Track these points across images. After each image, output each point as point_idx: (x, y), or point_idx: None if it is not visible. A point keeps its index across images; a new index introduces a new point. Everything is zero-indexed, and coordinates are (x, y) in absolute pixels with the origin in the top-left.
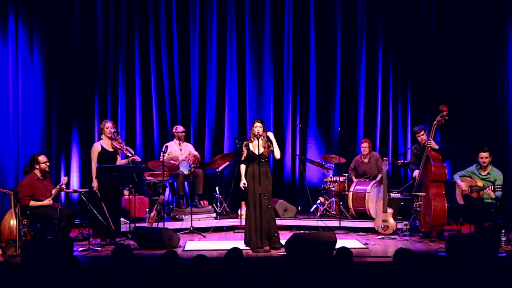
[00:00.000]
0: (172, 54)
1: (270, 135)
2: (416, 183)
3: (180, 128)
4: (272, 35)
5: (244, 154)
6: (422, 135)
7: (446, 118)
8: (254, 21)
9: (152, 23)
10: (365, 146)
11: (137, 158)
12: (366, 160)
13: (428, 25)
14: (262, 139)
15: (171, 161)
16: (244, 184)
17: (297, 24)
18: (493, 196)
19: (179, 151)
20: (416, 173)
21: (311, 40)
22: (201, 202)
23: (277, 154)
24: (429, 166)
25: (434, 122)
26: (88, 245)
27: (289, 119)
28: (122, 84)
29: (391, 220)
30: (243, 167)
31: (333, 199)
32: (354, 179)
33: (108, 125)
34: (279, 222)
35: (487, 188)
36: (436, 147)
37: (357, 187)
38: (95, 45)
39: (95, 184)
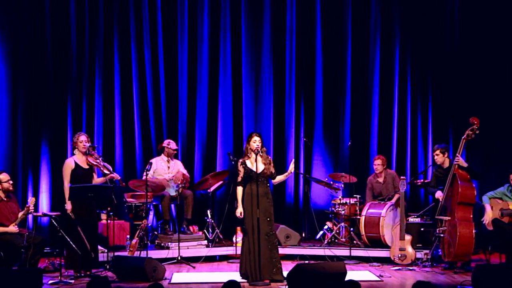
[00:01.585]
0: (157, 56)
1: (292, 167)
2: (440, 206)
3: (173, 145)
4: (273, 35)
5: (241, 174)
6: (437, 155)
7: (477, 132)
8: (252, 19)
9: (133, 21)
10: (377, 164)
11: (116, 176)
12: (380, 180)
13: (452, 26)
14: (261, 155)
15: (156, 179)
16: (241, 213)
17: (301, 22)
18: None
19: (167, 169)
20: (439, 194)
21: (317, 41)
22: (190, 227)
23: (277, 182)
24: (455, 186)
25: (463, 137)
26: (59, 277)
27: (292, 132)
28: (99, 92)
29: (410, 249)
30: (240, 190)
31: (343, 224)
32: (369, 202)
33: (82, 139)
34: (280, 250)
35: None
36: (465, 165)
37: (370, 210)
38: (68, 47)
39: (68, 206)
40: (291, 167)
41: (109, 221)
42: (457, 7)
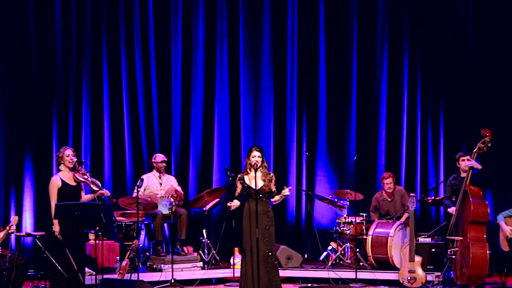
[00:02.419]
0: (148, 64)
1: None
2: (450, 225)
3: (159, 157)
4: (273, 41)
5: (238, 190)
6: (462, 161)
7: (489, 144)
8: (251, 24)
9: (123, 27)
10: (389, 183)
11: (106, 192)
12: (389, 198)
13: (465, 33)
14: (261, 171)
15: (148, 198)
16: (231, 204)
17: (303, 28)
18: None
19: (159, 185)
20: (452, 209)
21: (320, 48)
22: (184, 248)
23: (274, 202)
24: (467, 204)
25: (475, 150)
26: None
27: (294, 146)
28: (86, 103)
29: (420, 271)
30: (237, 203)
31: (348, 244)
32: (376, 221)
33: (68, 153)
34: (281, 273)
35: None
36: (479, 167)
37: (377, 230)
38: (53, 54)
39: (56, 228)
40: (286, 191)
41: (97, 242)
42: (471, 11)
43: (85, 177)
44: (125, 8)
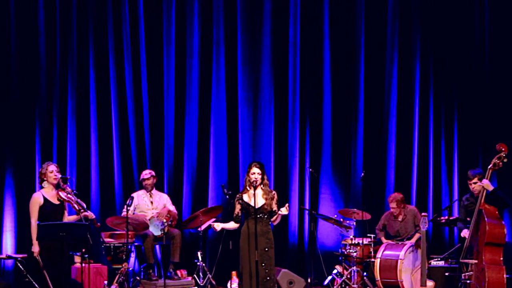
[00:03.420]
0: (139, 73)
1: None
2: (465, 247)
3: (142, 175)
4: (273, 49)
5: (236, 210)
6: (475, 183)
7: (505, 160)
8: (250, 31)
9: (112, 32)
10: (393, 207)
11: (90, 215)
12: (399, 218)
13: (481, 38)
14: (262, 188)
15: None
16: (217, 225)
17: (306, 35)
18: None
19: (150, 204)
20: (465, 232)
21: (325, 57)
22: (178, 272)
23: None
24: (482, 224)
25: (490, 166)
26: None
27: (296, 161)
28: (72, 115)
29: None
30: (232, 224)
31: (355, 268)
32: (384, 241)
33: (52, 169)
34: None
35: None
36: (491, 188)
37: (386, 252)
38: (37, 62)
39: (35, 248)
40: (284, 210)
41: (83, 265)
42: (487, 18)
43: (69, 196)
44: (113, 11)
